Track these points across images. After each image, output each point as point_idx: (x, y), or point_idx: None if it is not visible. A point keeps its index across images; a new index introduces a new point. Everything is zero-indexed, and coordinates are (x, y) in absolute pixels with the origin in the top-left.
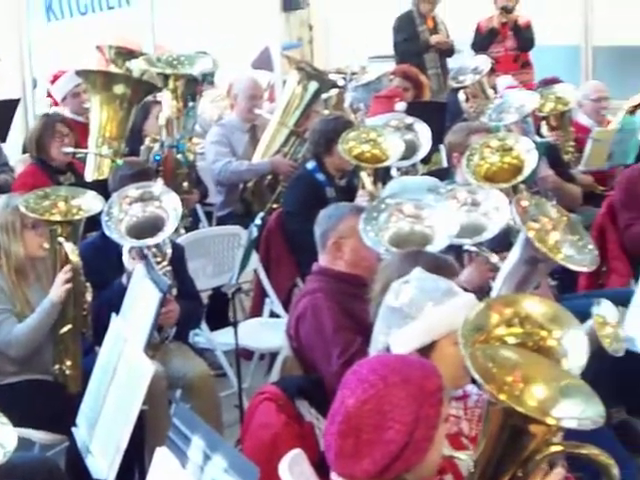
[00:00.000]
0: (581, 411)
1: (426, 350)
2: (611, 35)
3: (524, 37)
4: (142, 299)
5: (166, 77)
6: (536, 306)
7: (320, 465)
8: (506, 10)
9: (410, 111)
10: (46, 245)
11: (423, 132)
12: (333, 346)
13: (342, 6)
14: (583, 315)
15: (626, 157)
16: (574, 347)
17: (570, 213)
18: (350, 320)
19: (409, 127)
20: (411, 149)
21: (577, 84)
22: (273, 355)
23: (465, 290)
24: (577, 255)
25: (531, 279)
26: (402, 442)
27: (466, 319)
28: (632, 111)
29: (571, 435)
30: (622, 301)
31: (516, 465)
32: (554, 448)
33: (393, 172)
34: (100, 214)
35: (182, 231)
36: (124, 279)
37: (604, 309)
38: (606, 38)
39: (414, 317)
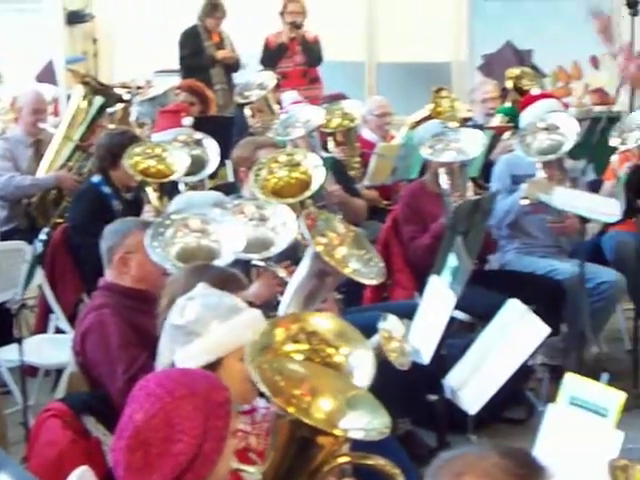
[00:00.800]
0: (367, 422)
1: (212, 367)
2: (395, 51)
3: (312, 52)
4: None
5: None
6: (323, 323)
7: None
8: (295, 25)
9: (196, 126)
10: None
11: (211, 147)
12: (118, 362)
13: (127, 20)
14: (369, 328)
15: (410, 172)
16: (360, 364)
17: (356, 227)
18: (137, 336)
19: (198, 142)
20: (199, 164)
21: (362, 100)
22: (59, 371)
23: (253, 305)
24: (364, 268)
25: (319, 293)
26: (191, 454)
27: (253, 337)
28: (415, 126)
29: (359, 445)
30: (406, 313)
31: (304, 476)
32: (341, 459)
33: (181, 187)
34: None
35: None
36: None
37: (390, 324)
38: (390, 54)
39: (199, 334)
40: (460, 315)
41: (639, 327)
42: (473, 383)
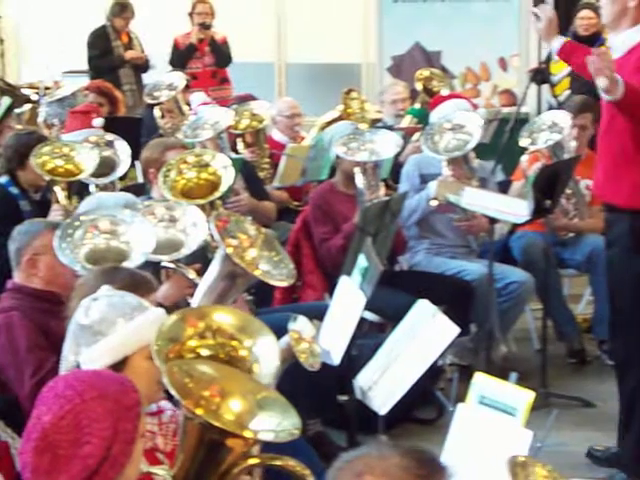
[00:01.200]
0: (277, 424)
1: (118, 366)
2: (304, 52)
3: (221, 53)
4: None
5: None
6: (226, 317)
7: None
8: (204, 26)
9: (105, 127)
10: None
11: (122, 149)
12: (26, 366)
13: (34, 20)
14: (279, 329)
15: (319, 173)
16: (265, 354)
17: (266, 229)
18: (46, 339)
19: (108, 144)
20: (110, 166)
21: (272, 101)
22: None
23: (162, 306)
24: (274, 270)
25: (229, 294)
26: (100, 457)
27: (159, 331)
28: (325, 127)
29: (269, 446)
30: (317, 314)
31: (214, 479)
32: (252, 461)
33: (91, 188)
34: None
35: None
36: None
37: (300, 325)
38: (300, 55)
39: (105, 334)
40: (370, 316)
41: (547, 327)
42: (383, 383)
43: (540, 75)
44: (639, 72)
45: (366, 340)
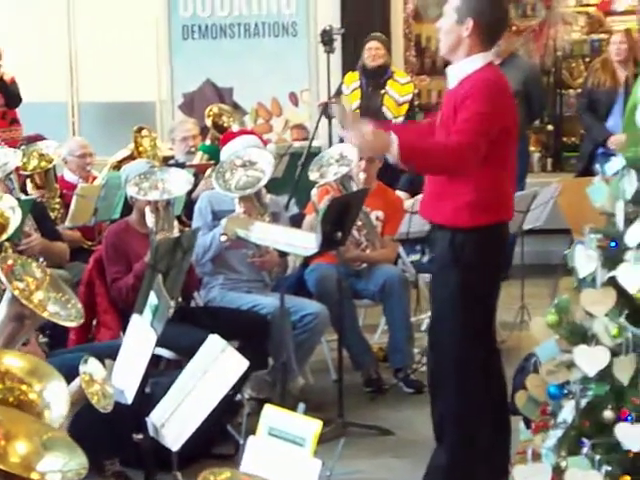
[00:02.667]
0: (64, 464)
1: None
2: (97, 91)
3: (10, 93)
4: None
5: None
6: (15, 361)
7: None
8: None
9: None
10: None
11: None
12: None
13: None
14: (74, 370)
15: (111, 212)
16: (55, 398)
17: (59, 269)
18: None
19: None
20: None
21: (65, 141)
22: None
23: None
24: (62, 311)
25: (19, 336)
26: None
27: None
28: (117, 166)
29: None
30: (112, 354)
31: None
32: None
33: None
34: None
35: None
36: None
37: (91, 366)
38: (93, 94)
39: None
40: (167, 353)
41: (343, 357)
42: (175, 420)
43: (330, 109)
44: (467, 100)
45: (163, 378)
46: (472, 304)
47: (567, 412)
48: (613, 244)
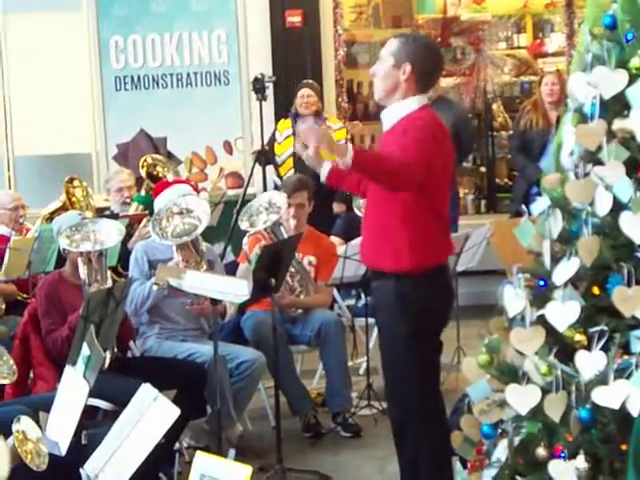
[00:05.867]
0: None
1: None
2: (33, 144)
3: None
4: None
5: None
6: None
7: None
8: None
9: None
10: None
11: None
12: None
13: None
14: (8, 425)
15: (46, 264)
16: None
17: None
18: None
19: None
20: None
21: None
22: None
23: None
24: None
25: None
26: None
27: None
28: (49, 218)
29: None
30: (48, 406)
31: None
32: None
33: None
34: None
35: None
36: None
37: (24, 424)
38: (28, 148)
39: None
40: (103, 404)
41: (281, 403)
42: (109, 469)
43: (264, 156)
44: (406, 133)
45: (100, 428)
46: (426, 347)
47: (501, 451)
48: (542, 283)
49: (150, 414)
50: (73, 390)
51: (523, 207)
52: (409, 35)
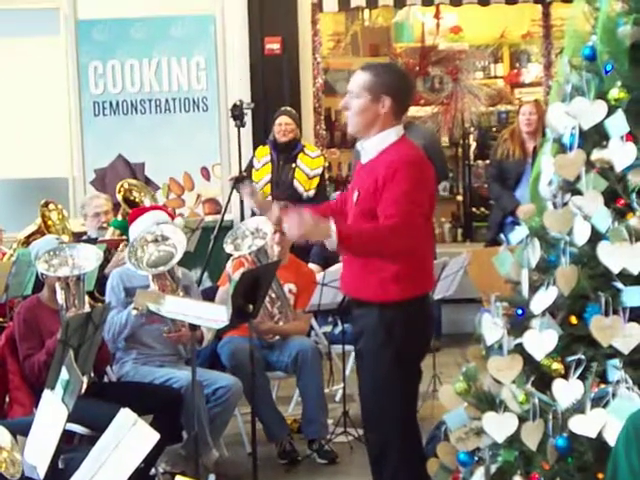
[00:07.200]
0: None
1: None
2: (10, 168)
3: None
4: None
5: None
6: None
7: None
8: None
9: None
10: None
11: None
12: None
13: None
14: None
15: (23, 288)
16: None
17: None
18: None
19: None
20: None
21: None
22: None
23: None
24: None
25: None
26: None
27: None
28: (25, 242)
29: None
30: (25, 430)
31: None
32: None
33: None
34: None
35: None
36: None
37: None
38: (5, 171)
39: None
40: (80, 429)
41: (257, 429)
42: None
43: (241, 183)
44: (389, 169)
45: (77, 453)
46: (409, 373)
47: (477, 478)
48: (519, 312)
49: (129, 438)
50: (52, 414)
51: (502, 236)
52: (377, 65)
